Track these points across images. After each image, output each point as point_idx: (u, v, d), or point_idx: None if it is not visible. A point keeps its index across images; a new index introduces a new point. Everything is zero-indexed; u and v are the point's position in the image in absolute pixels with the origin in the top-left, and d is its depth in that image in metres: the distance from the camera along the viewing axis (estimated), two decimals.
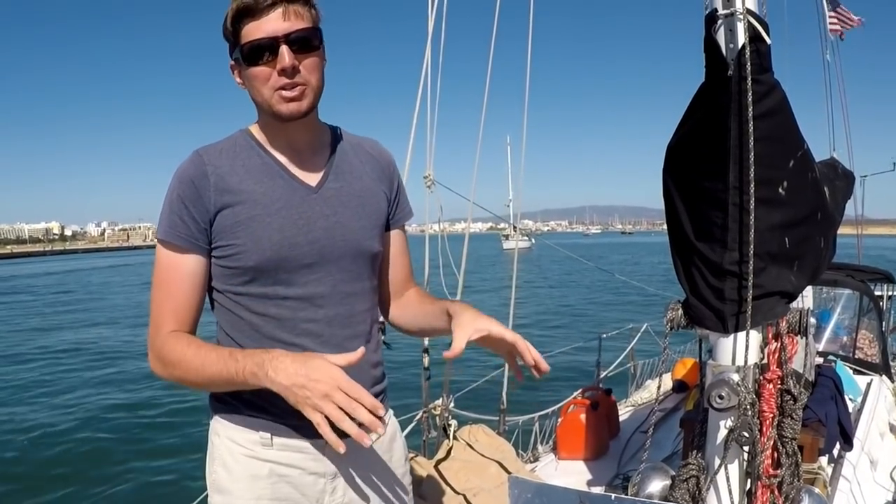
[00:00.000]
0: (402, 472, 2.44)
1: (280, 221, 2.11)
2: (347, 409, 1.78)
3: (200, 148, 2.17)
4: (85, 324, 31.18)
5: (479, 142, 5.96)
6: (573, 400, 5.79)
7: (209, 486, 2.26)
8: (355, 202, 2.25)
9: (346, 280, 2.22)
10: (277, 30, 1.99)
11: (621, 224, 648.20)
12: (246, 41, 2.01)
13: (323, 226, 2.16)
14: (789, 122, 2.71)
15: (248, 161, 2.15)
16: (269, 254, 2.09)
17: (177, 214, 2.08)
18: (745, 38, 2.51)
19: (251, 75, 2.04)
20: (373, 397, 1.82)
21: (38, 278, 71.46)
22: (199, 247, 2.10)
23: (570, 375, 13.77)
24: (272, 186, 2.13)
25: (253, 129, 2.22)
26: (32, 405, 16.35)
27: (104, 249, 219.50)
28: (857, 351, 6.85)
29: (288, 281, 2.13)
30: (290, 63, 2.00)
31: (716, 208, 2.71)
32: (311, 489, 2.20)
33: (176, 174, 2.13)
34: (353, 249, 2.22)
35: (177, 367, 2.06)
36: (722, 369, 2.79)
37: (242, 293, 2.14)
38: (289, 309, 2.14)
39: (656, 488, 3.11)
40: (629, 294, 31.44)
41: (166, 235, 2.10)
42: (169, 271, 2.12)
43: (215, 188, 2.08)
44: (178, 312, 2.12)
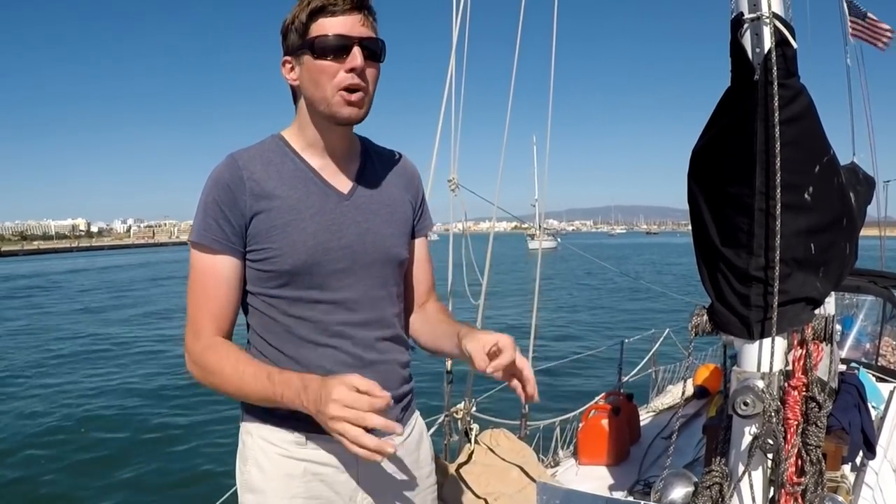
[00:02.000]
0: (428, 472, 2.49)
1: (314, 227, 2.15)
2: (358, 423, 1.80)
3: (235, 152, 2.20)
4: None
5: (503, 146, 5.96)
6: (594, 405, 5.77)
7: (240, 485, 2.29)
8: (384, 210, 2.30)
9: (377, 285, 2.26)
10: (354, 31, 2.07)
11: (646, 224, 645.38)
12: (320, 34, 2.05)
13: (355, 232, 2.21)
14: (815, 127, 2.70)
15: (282, 167, 2.18)
16: (303, 258, 2.13)
17: (212, 217, 2.12)
18: (771, 43, 2.49)
19: (318, 68, 2.08)
20: (380, 396, 1.84)
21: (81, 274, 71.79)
22: (234, 250, 2.14)
23: (591, 380, 13.77)
24: (306, 192, 2.17)
25: (286, 135, 2.26)
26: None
27: (130, 246, 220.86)
28: (880, 358, 6.79)
29: (321, 285, 2.17)
30: (361, 63, 2.06)
31: (742, 214, 2.70)
32: (344, 487, 2.24)
33: (211, 178, 2.16)
34: (384, 255, 2.26)
35: (215, 377, 2.10)
36: (747, 376, 2.77)
37: (276, 296, 2.18)
38: (322, 312, 2.18)
39: (679, 495, 3.10)
40: (653, 298, 31.33)
41: (201, 238, 2.13)
42: (205, 274, 2.15)
43: (251, 193, 2.12)
44: (216, 316, 2.16)
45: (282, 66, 2.19)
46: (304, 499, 2.20)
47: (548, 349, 19.29)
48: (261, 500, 2.22)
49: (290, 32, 2.12)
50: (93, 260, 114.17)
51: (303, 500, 2.20)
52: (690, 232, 3.00)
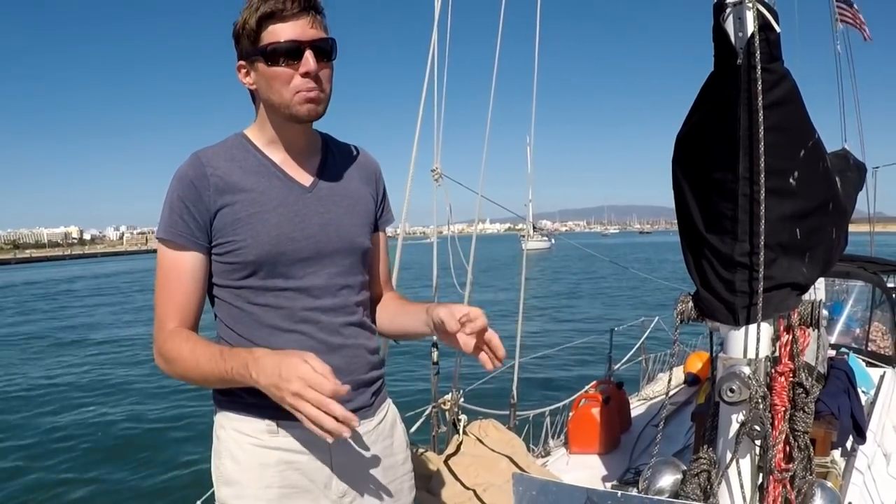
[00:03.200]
0: (403, 458, 2.54)
1: (277, 218, 2.20)
2: (319, 406, 1.83)
3: (199, 150, 2.26)
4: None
5: (486, 134, 5.92)
6: (584, 394, 5.78)
7: (216, 479, 2.30)
8: (346, 202, 2.36)
9: (340, 273, 2.31)
10: (304, 35, 2.11)
11: (639, 224, 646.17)
12: (271, 42, 2.09)
13: (318, 222, 2.26)
14: (799, 111, 2.68)
15: (245, 162, 2.24)
16: (267, 248, 2.17)
17: (177, 214, 2.16)
18: (754, 27, 2.47)
19: (272, 75, 2.13)
20: (339, 386, 1.85)
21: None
22: (199, 245, 2.19)
23: (581, 369, 13.78)
24: (269, 185, 2.23)
25: (248, 133, 2.33)
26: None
27: (123, 253, 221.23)
28: (870, 343, 6.81)
29: (286, 274, 2.22)
30: (314, 67, 2.11)
31: (726, 199, 2.68)
32: (318, 474, 2.26)
33: (176, 176, 2.21)
34: (347, 245, 2.32)
35: (176, 364, 2.14)
36: (733, 362, 2.76)
37: (243, 286, 2.22)
38: (287, 299, 2.23)
39: (667, 483, 3.09)
40: (645, 292, 31.41)
41: (167, 234, 2.18)
42: (171, 270, 2.20)
43: (215, 188, 2.16)
44: (181, 309, 2.20)
45: (237, 70, 2.24)
46: (279, 488, 2.21)
47: (537, 338, 19.33)
48: (237, 491, 2.23)
49: (242, 38, 2.15)
50: (88, 267, 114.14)
51: (278, 489, 2.21)
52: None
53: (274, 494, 2.20)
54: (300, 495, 2.23)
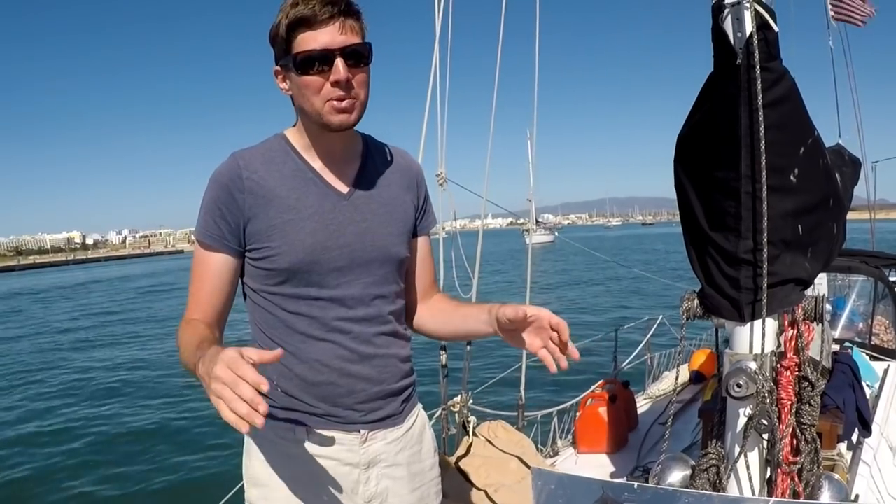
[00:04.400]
0: (430, 464, 2.52)
1: (313, 226, 2.17)
2: (233, 388, 1.62)
3: (238, 151, 2.24)
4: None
5: (490, 138, 5.96)
6: (591, 393, 5.79)
7: (246, 480, 2.33)
8: (384, 210, 2.31)
9: (376, 283, 2.28)
10: (334, 42, 2.04)
11: (641, 215, 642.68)
12: (301, 50, 2.04)
13: (353, 231, 2.22)
14: (799, 109, 2.72)
15: (283, 167, 2.21)
16: (301, 256, 2.15)
17: (211, 216, 2.17)
18: (752, 27, 2.50)
19: (303, 84, 2.08)
20: (260, 383, 1.62)
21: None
22: (229, 248, 2.18)
23: (587, 369, 13.77)
24: (305, 192, 2.20)
25: (289, 134, 2.28)
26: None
27: (126, 257, 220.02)
28: (873, 337, 6.83)
29: (320, 283, 2.20)
30: (344, 76, 2.05)
31: (728, 197, 2.71)
32: (345, 479, 2.26)
33: (213, 176, 2.20)
34: (383, 254, 2.28)
35: (180, 352, 2.11)
36: (739, 358, 2.79)
37: (276, 293, 2.21)
38: (320, 308, 2.21)
39: (676, 478, 3.12)
40: (651, 285, 31.32)
41: (199, 235, 2.21)
42: (200, 267, 2.23)
43: (250, 192, 2.15)
44: (202, 305, 2.21)
45: (274, 75, 2.20)
46: (306, 491, 2.23)
47: None
48: (265, 493, 2.26)
49: (277, 44, 2.12)
50: (91, 272, 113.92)
51: (305, 493, 2.23)
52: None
53: (300, 498, 2.23)
54: (326, 501, 2.24)
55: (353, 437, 2.26)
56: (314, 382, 2.21)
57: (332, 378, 2.21)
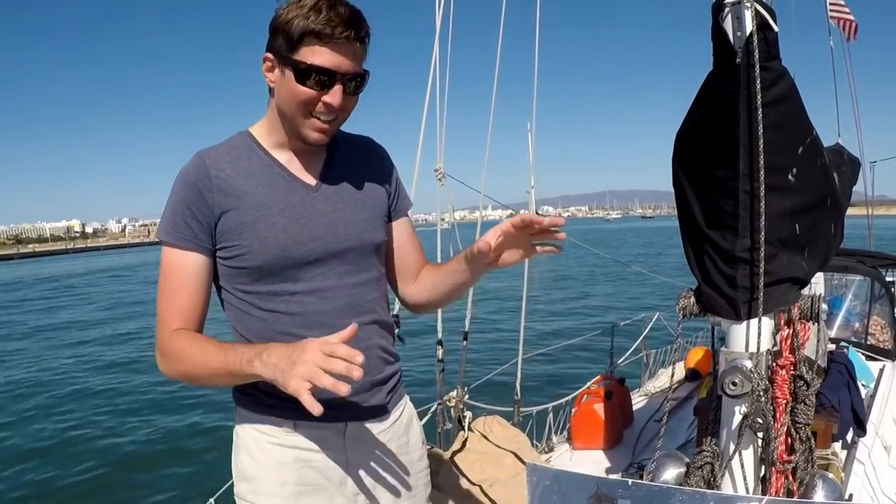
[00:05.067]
0: (419, 455, 2.54)
1: (283, 221, 2.17)
2: (320, 374, 1.76)
3: (202, 151, 2.22)
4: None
5: (489, 133, 5.96)
6: (587, 390, 5.79)
7: (235, 475, 2.33)
8: (354, 197, 2.31)
9: (352, 272, 2.28)
10: (341, 66, 2.05)
11: (641, 208, 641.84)
12: (307, 61, 2.02)
13: (325, 222, 2.22)
14: (798, 108, 2.72)
15: (250, 163, 2.20)
16: (274, 252, 2.15)
17: (180, 216, 2.14)
18: (752, 26, 2.50)
19: (295, 91, 2.06)
20: (354, 356, 1.78)
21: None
22: (202, 247, 2.16)
23: (583, 365, 13.79)
24: (273, 187, 2.19)
25: (255, 131, 2.27)
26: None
27: (126, 245, 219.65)
28: (870, 337, 6.83)
29: (295, 277, 2.20)
30: (339, 102, 2.07)
31: (726, 196, 2.72)
32: (334, 472, 2.27)
33: (179, 177, 2.18)
34: (357, 242, 2.28)
35: (181, 362, 2.12)
36: (735, 356, 2.80)
37: (251, 291, 2.21)
38: (298, 304, 2.21)
39: (671, 476, 3.12)
40: (646, 282, 31.32)
41: (169, 237, 2.16)
42: (173, 272, 2.17)
43: (219, 190, 2.13)
44: (184, 312, 2.17)
45: (262, 61, 2.14)
46: (295, 485, 2.24)
47: (539, 335, 19.32)
48: (254, 487, 2.26)
49: (280, 35, 2.06)
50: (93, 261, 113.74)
51: (294, 486, 2.24)
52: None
53: (290, 491, 2.23)
54: (316, 493, 2.25)
55: (339, 429, 2.27)
56: None
57: None
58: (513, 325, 6.38)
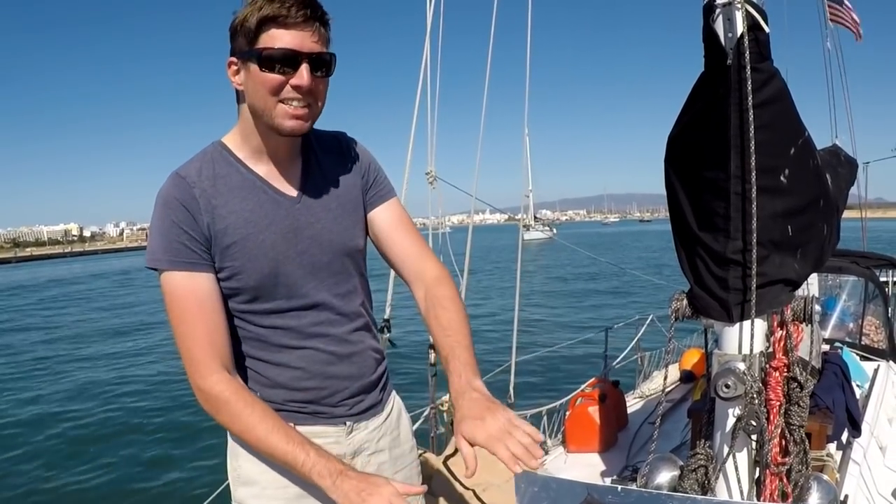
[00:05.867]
0: (410, 447, 2.57)
1: (272, 238, 2.14)
2: None
3: (180, 169, 2.14)
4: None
5: (480, 139, 5.95)
6: (581, 392, 5.78)
7: (232, 480, 2.31)
8: (335, 203, 2.28)
9: (340, 281, 2.28)
10: (303, 46, 1.99)
11: (639, 212, 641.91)
12: (267, 46, 1.98)
13: (309, 234, 2.20)
14: (789, 109, 2.71)
15: (229, 179, 2.14)
16: (266, 271, 2.12)
17: (178, 240, 2.06)
18: (743, 27, 2.50)
19: (262, 80, 2.01)
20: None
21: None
22: (208, 266, 2.09)
23: (577, 368, 13.79)
24: (258, 203, 2.15)
25: (228, 142, 2.21)
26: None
27: (124, 249, 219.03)
28: (864, 337, 6.83)
29: (287, 294, 2.17)
30: (307, 82, 2.01)
31: (718, 198, 2.71)
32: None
33: (161, 200, 2.09)
34: (341, 251, 2.27)
35: (231, 420, 2.06)
36: (728, 358, 2.79)
37: (246, 310, 2.18)
38: (293, 318, 2.20)
39: (665, 479, 3.11)
40: (642, 286, 31.37)
41: (173, 265, 2.06)
42: (188, 300, 2.07)
43: (205, 210, 2.08)
44: (213, 343, 2.08)
45: (227, 66, 2.10)
46: (299, 487, 2.23)
47: (534, 338, 19.33)
48: (256, 491, 2.25)
49: (239, 35, 2.03)
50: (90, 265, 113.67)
51: (297, 488, 2.23)
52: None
53: (293, 493, 2.23)
54: (318, 494, 2.19)
55: (339, 429, 2.29)
56: (298, 388, 2.22)
57: (316, 383, 2.22)
58: (506, 328, 6.37)
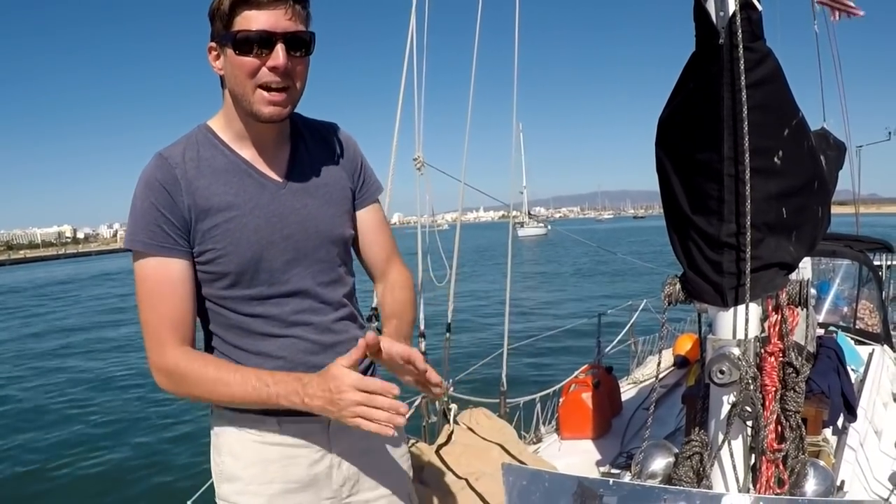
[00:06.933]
0: (399, 440, 2.52)
1: (255, 222, 2.10)
2: (370, 416, 1.87)
3: (163, 150, 2.12)
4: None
5: (467, 122, 5.91)
6: (574, 379, 5.78)
7: (216, 476, 2.28)
8: (322, 191, 2.25)
9: (325, 270, 2.24)
10: (277, 26, 1.96)
11: (633, 209, 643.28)
12: (241, 29, 1.95)
13: (295, 220, 2.17)
14: (783, 90, 2.66)
15: (213, 161, 2.12)
16: (248, 255, 2.09)
17: (155, 223, 2.04)
18: (735, 6, 2.45)
19: (237, 64, 1.99)
20: (390, 390, 1.89)
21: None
22: (183, 252, 2.07)
23: (570, 354, 13.80)
24: (242, 187, 2.12)
25: (214, 125, 2.19)
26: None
27: (118, 251, 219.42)
28: (858, 321, 6.84)
29: (270, 280, 2.14)
30: (283, 62, 1.97)
31: (711, 180, 2.66)
32: (319, 466, 2.25)
33: (143, 181, 2.07)
34: (327, 239, 2.23)
35: (194, 386, 2.06)
36: (722, 343, 2.75)
37: (227, 296, 2.14)
38: (275, 305, 2.16)
39: (659, 466, 3.08)
40: (638, 275, 31.47)
41: (148, 247, 2.05)
42: (159, 283, 2.07)
43: (187, 192, 2.05)
44: (178, 324, 2.08)
45: (208, 52, 2.08)
46: (282, 483, 2.20)
47: (526, 325, 19.36)
48: (239, 488, 2.21)
49: (216, 20, 2.01)
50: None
51: (280, 484, 2.20)
52: None
53: (276, 489, 2.20)
54: (302, 489, 2.22)
55: (324, 424, 2.23)
56: None
57: (298, 372, 2.12)
58: (498, 316, 6.41)
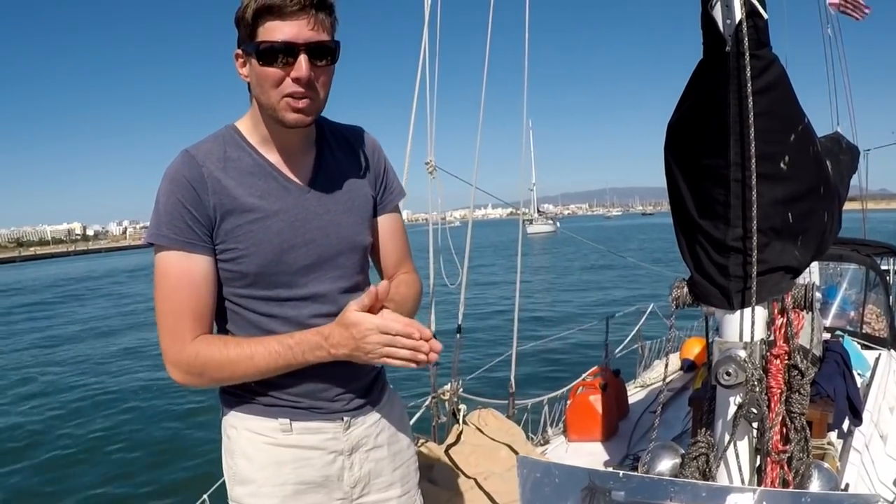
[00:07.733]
0: (407, 442, 2.55)
1: (279, 225, 2.12)
2: (396, 354, 1.98)
3: (190, 148, 2.14)
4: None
5: (479, 126, 5.94)
6: (582, 382, 5.80)
7: (229, 479, 2.29)
8: (345, 197, 2.26)
9: (344, 276, 2.26)
10: (300, 37, 1.96)
11: (642, 205, 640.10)
12: (264, 39, 1.96)
13: (317, 225, 2.18)
14: (789, 96, 2.69)
15: (240, 162, 2.13)
16: (270, 257, 2.10)
17: (180, 218, 2.05)
18: (741, 13, 2.48)
19: (262, 75, 2.00)
20: (410, 332, 1.98)
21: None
22: (207, 248, 2.09)
23: (578, 357, 13.78)
24: (267, 189, 2.13)
25: (241, 126, 2.20)
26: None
27: (127, 248, 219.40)
28: (865, 325, 6.84)
29: (289, 283, 2.16)
30: (306, 74, 1.98)
31: (718, 185, 2.69)
32: (331, 468, 2.26)
33: (168, 176, 2.09)
34: (348, 246, 2.25)
35: (216, 371, 2.08)
36: (728, 346, 2.78)
37: (244, 295, 2.16)
38: (292, 308, 2.17)
39: (666, 467, 3.11)
40: (645, 275, 31.35)
41: (172, 242, 2.06)
42: (181, 278, 2.08)
43: (213, 191, 2.07)
44: (197, 321, 2.10)
45: (234, 58, 2.10)
46: (295, 484, 2.22)
47: (534, 328, 19.32)
48: (252, 490, 2.23)
49: (241, 28, 2.03)
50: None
51: (293, 485, 2.22)
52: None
53: (289, 491, 2.21)
54: (314, 490, 2.24)
55: (336, 425, 2.25)
56: (294, 382, 2.18)
57: (312, 375, 2.17)
58: (507, 317, 6.42)
